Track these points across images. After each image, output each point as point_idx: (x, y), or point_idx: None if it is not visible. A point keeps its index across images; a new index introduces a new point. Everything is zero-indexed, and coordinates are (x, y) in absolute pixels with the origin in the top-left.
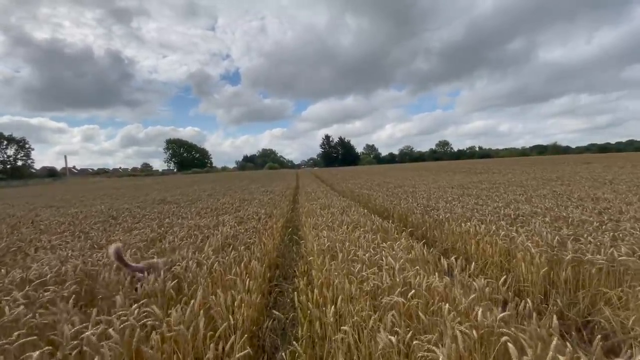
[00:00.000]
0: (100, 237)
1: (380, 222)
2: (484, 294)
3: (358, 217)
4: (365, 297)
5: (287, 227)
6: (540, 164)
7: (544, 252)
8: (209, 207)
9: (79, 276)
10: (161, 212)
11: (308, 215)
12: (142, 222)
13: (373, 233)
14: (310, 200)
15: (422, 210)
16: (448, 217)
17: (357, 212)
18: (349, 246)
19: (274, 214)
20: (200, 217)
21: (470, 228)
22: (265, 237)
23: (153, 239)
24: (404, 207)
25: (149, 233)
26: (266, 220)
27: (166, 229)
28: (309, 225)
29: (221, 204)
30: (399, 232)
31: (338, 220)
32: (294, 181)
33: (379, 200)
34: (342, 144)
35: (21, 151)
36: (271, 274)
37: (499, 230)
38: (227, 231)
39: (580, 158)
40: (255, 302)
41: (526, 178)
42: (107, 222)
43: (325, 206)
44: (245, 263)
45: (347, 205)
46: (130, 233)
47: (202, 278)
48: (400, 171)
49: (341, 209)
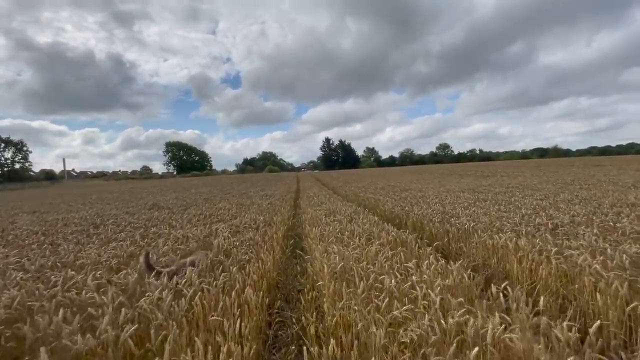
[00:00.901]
0: (69, 251)
1: (396, 233)
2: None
3: (370, 227)
4: (403, 357)
5: (289, 237)
6: (548, 166)
7: (618, 277)
8: (203, 214)
9: (11, 315)
10: (150, 219)
11: (312, 223)
12: (125, 232)
13: (391, 247)
14: (313, 206)
15: (440, 217)
16: (473, 226)
17: (367, 220)
18: (366, 266)
19: (274, 221)
20: (192, 226)
21: (507, 241)
22: (264, 251)
23: (131, 254)
24: (418, 213)
25: (127, 247)
26: (265, 230)
27: (150, 241)
28: (315, 236)
29: (217, 210)
30: (422, 247)
31: (348, 231)
32: (294, 184)
33: (388, 206)
34: (342, 146)
35: (19, 154)
36: (270, 298)
37: (547, 245)
38: (220, 244)
39: (590, 160)
40: (249, 357)
41: (539, 181)
42: (86, 231)
43: (331, 212)
44: (238, 290)
45: (355, 212)
46: (107, 246)
47: (176, 320)
48: (403, 174)
49: (348, 216)
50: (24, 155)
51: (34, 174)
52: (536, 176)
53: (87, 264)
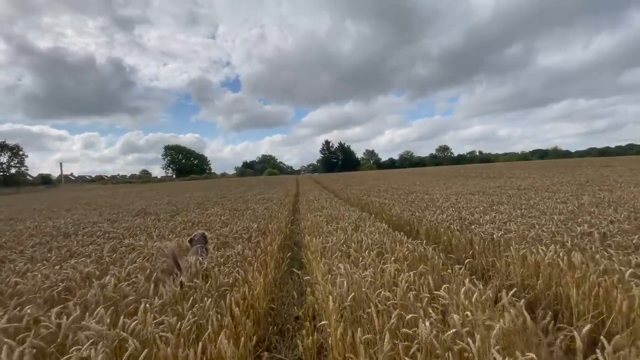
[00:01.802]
0: (14, 271)
1: (412, 244)
2: None
3: (380, 237)
4: None
5: (286, 247)
6: (554, 167)
7: None
8: (192, 221)
9: None
10: (130, 228)
11: (313, 232)
12: (95, 244)
13: (409, 264)
14: (313, 211)
15: (458, 224)
16: (502, 235)
17: (374, 228)
18: (384, 296)
19: (269, 229)
20: (175, 236)
21: (556, 258)
22: (254, 269)
23: (88, 275)
24: (431, 219)
25: (87, 265)
26: (258, 240)
27: (119, 256)
28: (315, 249)
29: (207, 217)
30: (447, 263)
31: (354, 242)
32: (293, 187)
33: (395, 211)
34: (342, 149)
35: (15, 158)
36: (260, 334)
37: (612, 263)
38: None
39: (597, 161)
40: None
41: (551, 182)
42: (50, 243)
43: (333, 218)
44: (207, 338)
45: (360, 218)
46: (64, 263)
47: None
48: (405, 176)
49: (353, 223)
50: (19, 160)
51: (32, 178)
52: (545, 177)
53: (25, 291)
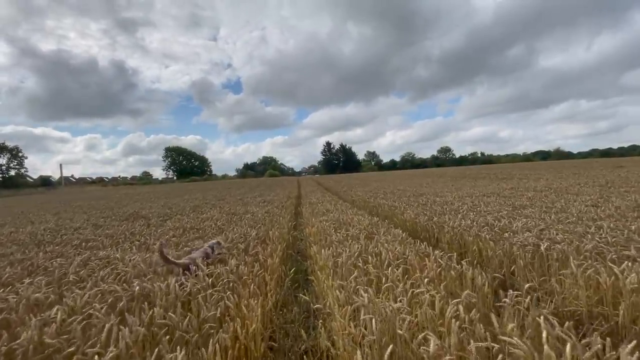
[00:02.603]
0: None
1: (445, 260)
2: None
3: (401, 248)
4: None
5: (288, 258)
6: (565, 168)
7: None
8: (184, 227)
9: None
10: (112, 236)
11: (319, 240)
12: (65, 256)
13: (449, 289)
14: (317, 214)
15: (488, 231)
16: (550, 247)
17: (390, 236)
18: (419, 343)
19: (270, 237)
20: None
21: None
22: (251, 292)
23: (37, 302)
24: (454, 225)
25: (39, 288)
26: (256, 251)
27: (87, 274)
28: (325, 263)
29: (201, 221)
30: (493, 286)
31: (371, 255)
32: (295, 189)
33: (409, 215)
34: (343, 150)
35: (14, 160)
36: None
37: None
38: (176, 286)
39: (609, 162)
40: None
41: (569, 184)
42: (14, 254)
43: (341, 224)
44: None
45: (371, 224)
46: (18, 283)
47: None
48: (410, 177)
49: (365, 230)
50: (19, 162)
51: (32, 180)
52: (560, 178)
53: None
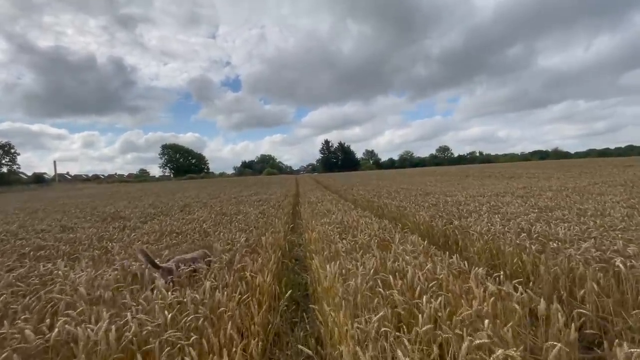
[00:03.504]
0: None
1: (494, 283)
2: None
3: (431, 265)
4: None
5: (284, 271)
6: (575, 167)
7: None
8: (162, 230)
9: None
10: (75, 242)
11: (322, 250)
12: (1, 272)
13: (516, 332)
14: (317, 216)
15: (528, 240)
16: (631, 265)
17: (410, 245)
18: None
19: (263, 244)
20: (128, 257)
21: None
22: (225, 339)
23: None
24: (481, 230)
25: None
26: (243, 265)
27: (9, 299)
28: (332, 289)
29: (187, 222)
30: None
31: (394, 276)
32: (293, 187)
33: (422, 217)
34: (342, 149)
35: (6, 156)
36: None
37: None
38: (129, 327)
39: (618, 162)
40: None
41: (586, 183)
42: None
43: (346, 228)
44: None
45: (382, 228)
46: None
47: None
48: (412, 176)
49: (375, 235)
50: (11, 158)
51: (26, 177)
52: (571, 178)
53: None
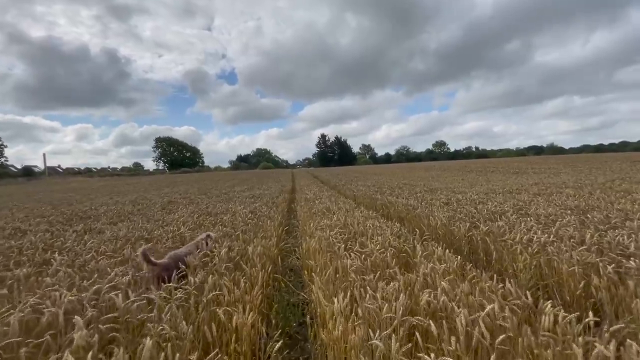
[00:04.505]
0: None
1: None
2: None
3: (477, 291)
4: None
5: (274, 294)
6: (580, 162)
7: None
8: (132, 236)
9: None
10: (10, 254)
11: (326, 269)
12: None
13: None
14: (316, 216)
15: (585, 252)
16: None
17: (438, 261)
18: None
19: (249, 255)
20: (49, 289)
21: None
22: None
23: None
24: (519, 239)
25: None
26: (218, 295)
27: None
28: (350, 351)
29: (162, 224)
30: None
31: (437, 323)
32: (289, 182)
33: (439, 219)
34: (338, 143)
35: None
36: None
37: None
38: None
39: (626, 157)
40: None
41: (604, 179)
42: None
43: (351, 232)
44: None
45: (395, 234)
46: None
47: None
48: (411, 171)
49: (389, 245)
50: None
51: (16, 170)
52: (580, 173)
53: None
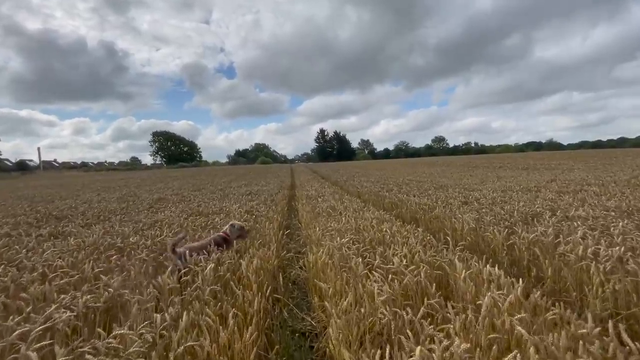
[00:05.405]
0: None
1: None
2: None
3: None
4: None
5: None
6: (590, 157)
7: None
8: (102, 244)
9: None
10: None
11: (340, 296)
12: None
13: None
14: (320, 216)
15: None
16: None
17: (482, 274)
18: None
19: (243, 271)
20: None
21: None
22: None
23: None
24: (581, 254)
25: None
26: (190, 347)
27: None
28: None
29: (143, 227)
30: None
31: None
32: (288, 178)
33: (465, 222)
34: (337, 138)
35: None
36: None
37: None
38: None
39: (631, 152)
40: None
41: (628, 176)
42: None
43: (365, 239)
44: None
45: (420, 241)
46: None
47: None
48: (413, 167)
49: (418, 259)
50: None
51: (11, 164)
52: (597, 169)
53: None
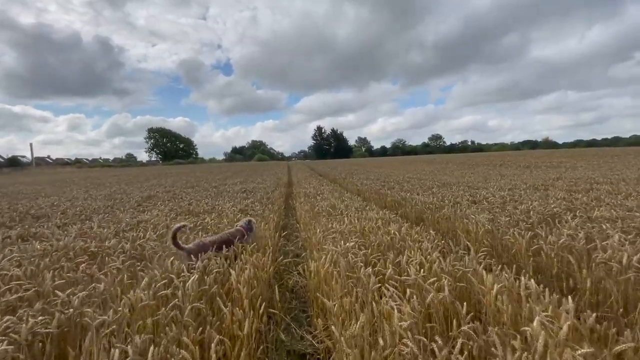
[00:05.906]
0: None
1: None
2: None
3: None
4: None
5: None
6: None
7: None
8: (73, 247)
9: None
10: None
11: (350, 320)
12: None
13: None
14: (320, 216)
15: None
16: None
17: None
18: None
19: (232, 283)
20: None
21: None
22: None
23: None
24: (628, 262)
25: None
26: None
27: None
28: None
29: (125, 229)
30: None
31: None
32: (285, 175)
33: (479, 224)
34: (335, 136)
35: None
36: None
37: None
38: None
39: (631, 151)
40: None
41: (634, 175)
42: None
43: (372, 245)
44: None
45: (436, 246)
46: None
47: None
48: (412, 164)
49: (438, 269)
50: None
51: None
52: (601, 167)
53: None
